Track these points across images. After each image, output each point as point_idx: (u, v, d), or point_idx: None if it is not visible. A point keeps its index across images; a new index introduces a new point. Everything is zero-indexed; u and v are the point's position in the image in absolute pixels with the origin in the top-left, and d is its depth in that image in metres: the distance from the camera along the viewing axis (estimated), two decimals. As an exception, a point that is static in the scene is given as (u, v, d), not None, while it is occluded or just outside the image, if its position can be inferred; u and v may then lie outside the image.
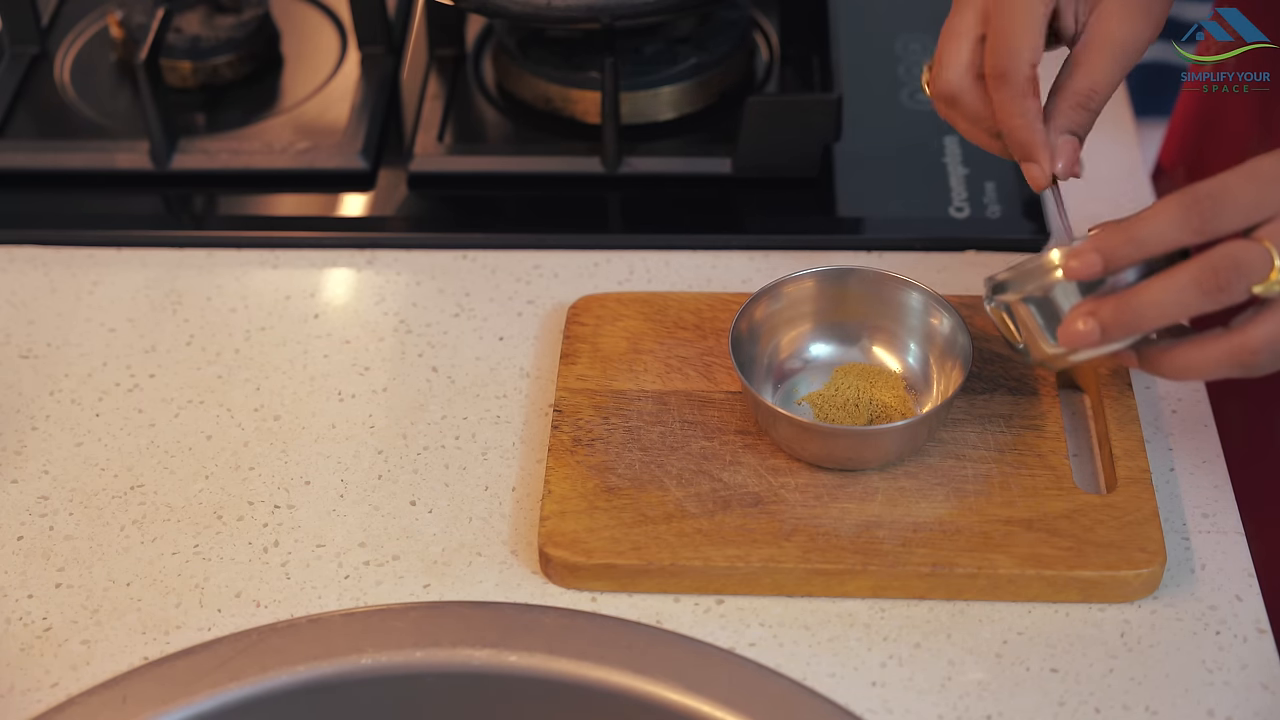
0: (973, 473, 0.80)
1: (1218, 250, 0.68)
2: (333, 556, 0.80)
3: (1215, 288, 0.68)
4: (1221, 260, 0.68)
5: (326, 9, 1.14)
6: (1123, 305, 0.69)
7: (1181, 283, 0.68)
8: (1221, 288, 0.68)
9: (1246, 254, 0.67)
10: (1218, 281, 0.68)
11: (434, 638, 0.76)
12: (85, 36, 1.11)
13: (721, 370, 0.86)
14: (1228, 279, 0.68)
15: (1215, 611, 0.77)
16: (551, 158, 1.01)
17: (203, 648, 0.76)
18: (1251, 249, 0.67)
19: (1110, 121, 1.04)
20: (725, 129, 1.03)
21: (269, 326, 0.92)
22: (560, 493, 0.80)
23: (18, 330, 0.92)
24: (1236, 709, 0.73)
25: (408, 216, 0.99)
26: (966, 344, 0.81)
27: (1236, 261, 0.67)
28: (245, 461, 0.85)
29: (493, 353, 0.90)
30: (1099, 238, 0.69)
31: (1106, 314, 0.70)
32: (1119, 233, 0.69)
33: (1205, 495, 0.82)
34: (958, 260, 0.95)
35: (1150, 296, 0.69)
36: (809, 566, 0.77)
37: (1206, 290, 0.68)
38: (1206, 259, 0.68)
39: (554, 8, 0.97)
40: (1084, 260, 0.69)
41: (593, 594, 0.78)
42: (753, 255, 0.96)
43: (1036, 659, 0.75)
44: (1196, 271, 0.68)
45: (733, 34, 1.06)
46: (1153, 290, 0.69)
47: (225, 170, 1.01)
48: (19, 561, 0.80)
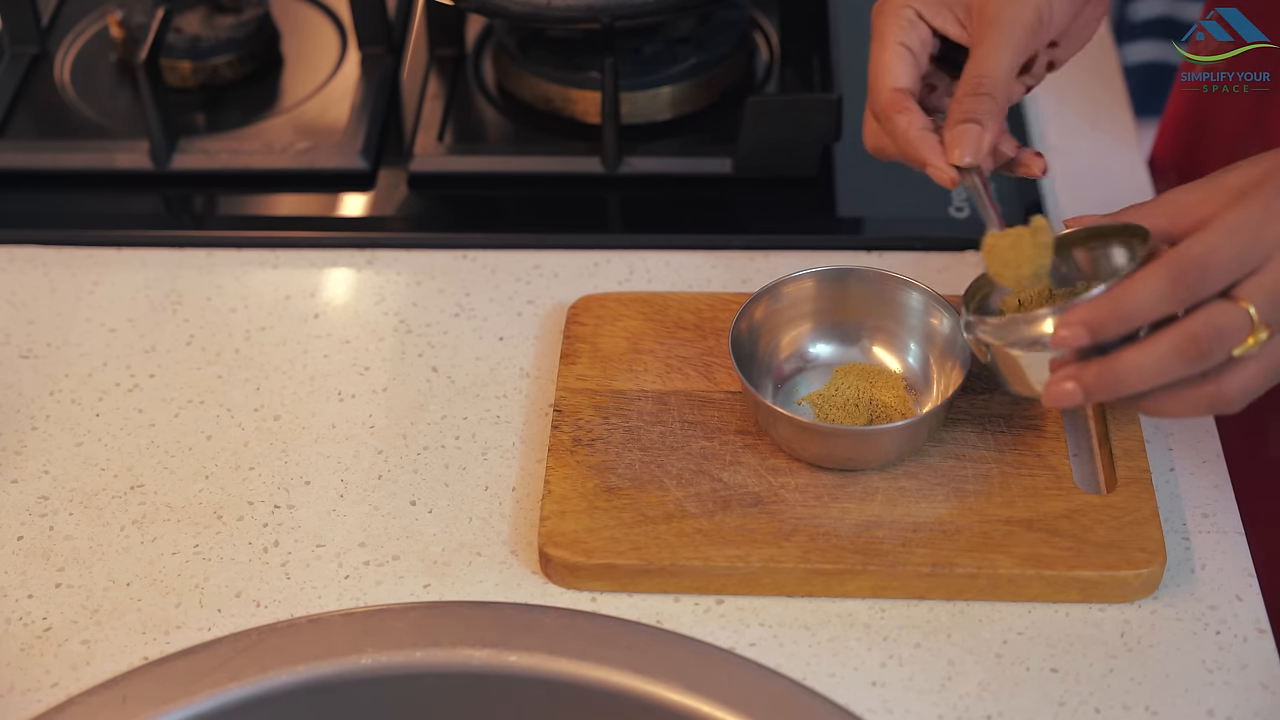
0: (973, 473, 0.80)
1: (1199, 317, 0.69)
2: (333, 556, 0.80)
3: (1196, 355, 0.69)
4: (1203, 328, 0.69)
5: (326, 9, 1.14)
6: (1105, 371, 0.70)
7: (1163, 350, 0.69)
8: (1203, 355, 0.69)
9: (1226, 318, 0.69)
10: (1199, 349, 0.69)
11: (434, 638, 0.76)
12: (85, 36, 1.11)
13: (721, 370, 0.86)
14: (1209, 346, 0.69)
15: (1215, 611, 0.77)
16: (551, 158, 1.01)
17: (203, 648, 0.76)
18: (1232, 313, 0.69)
19: (1110, 122, 1.05)
20: (725, 129, 1.03)
21: (269, 326, 0.92)
22: (560, 493, 0.80)
23: (18, 330, 0.92)
24: (1236, 709, 0.73)
25: (408, 216, 0.99)
26: (966, 344, 0.81)
27: (1218, 328, 0.69)
28: (245, 461, 0.85)
29: (493, 353, 0.90)
30: (1085, 309, 0.70)
31: (1089, 378, 0.71)
32: (1107, 306, 0.69)
33: (1205, 495, 0.82)
34: (958, 260, 0.95)
35: (1133, 363, 0.70)
36: (809, 566, 0.77)
37: (1188, 358, 0.69)
38: (1188, 326, 0.69)
39: (554, 8, 0.97)
40: (1072, 332, 0.70)
41: (593, 594, 0.78)
42: (753, 255, 0.96)
43: (1036, 659, 0.75)
44: (1178, 339, 0.69)
45: (733, 34, 1.06)
46: (1135, 356, 0.70)
47: (225, 170, 1.01)
48: (19, 561, 0.80)
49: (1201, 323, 0.69)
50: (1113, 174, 1.01)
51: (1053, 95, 1.05)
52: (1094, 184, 1.00)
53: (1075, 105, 1.06)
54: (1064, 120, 1.04)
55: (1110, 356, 0.70)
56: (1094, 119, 1.05)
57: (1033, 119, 1.04)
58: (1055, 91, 1.05)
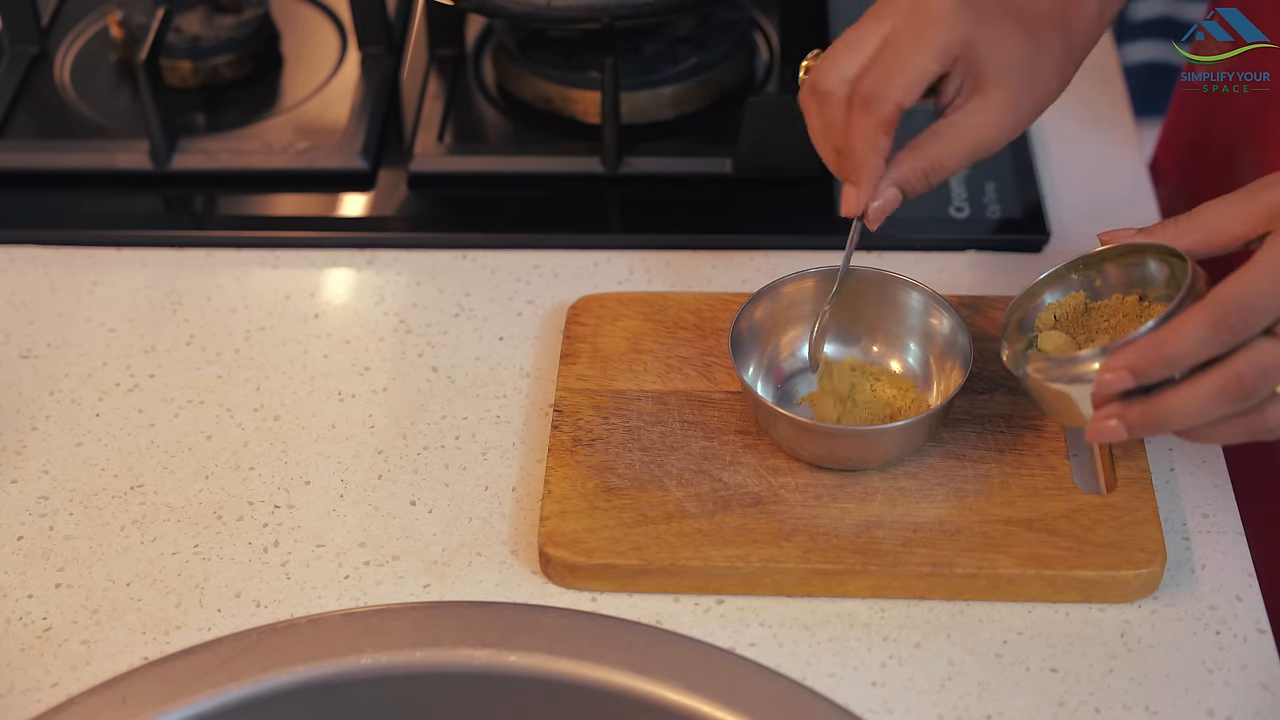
0: (973, 473, 0.80)
1: (1242, 358, 0.69)
2: (333, 556, 0.80)
3: (1240, 396, 0.69)
4: (1246, 368, 0.69)
5: (326, 9, 1.14)
6: (1150, 410, 0.71)
7: (1207, 391, 0.69)
8: (1246, 395, 0.69)
9: (1270, 357, 0.68)
10: (1243, 390, 0.69)
11: (434, 638, 0.76)
12: (85, 36, 1.11)
13: (721, 370, 0.86)
14: (1253, 386, 0.69)
15: (1215, 611, 0.77)
16: (551, 158, 1.01)
17: (203, 648, 0.76)
18: (1275, 351, 0.68)
19: (1110, 122, 1.05)
20: (725, 129, 1.03)
21: (269, 326, 0.92)
22: (560, 493, 0.80)
23: (18, 330, 0.92)
24: (1236, 709, 0.73)
25: (408, 216, 0.99)
26: (966, 344, 0.81)
27: (1262, 368, 0.69)
28: (245, 461, 0.85)
29: (493, 353, 0.90)
30: (1131, 353, 0.70)
31: (1133, 417, 0.71)
32: (1151, 351, 0.69)
33: (1205, 495, 0.82)
34: (958, 260, 0.95)
35: (1176, 404, 0.70)
36: (809, 566, 0.77)
37: (1232, 399, 0.69)
38: (1232, 367, 0.69)
39: (554, 8, 0.97)
40: (1117, 376, 0.70)
41: (593, 594, 0.78)
42: (753, 255, 0.96)
43: (1036, 659, 0.75)
44: (1222, 380, 0.69)
45: (733, 34, 1.06)
46: (1179, 398, 0.70)
47: (225, 170, 1.01)
48: (19, 561, 0.80)
49: (1245, 363, 0.69)
50: (1113, 174, 1.01)
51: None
52: (1094, 184, 1.00)
53: (1075, 105, 1.06)
54: (1064, 120, 1.04)
55: (1156, 397, 0.71)
56: (1094, 119, 1.05)
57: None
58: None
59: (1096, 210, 0.98)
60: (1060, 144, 1.03)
